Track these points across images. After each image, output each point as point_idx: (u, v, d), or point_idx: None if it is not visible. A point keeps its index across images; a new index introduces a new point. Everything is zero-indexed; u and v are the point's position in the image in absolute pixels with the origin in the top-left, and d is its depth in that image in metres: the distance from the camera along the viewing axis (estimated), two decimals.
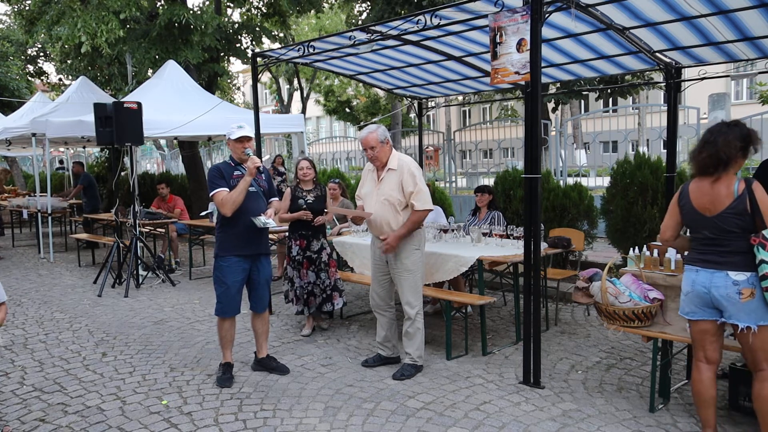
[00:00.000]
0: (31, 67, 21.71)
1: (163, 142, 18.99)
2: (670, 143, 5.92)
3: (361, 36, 5.33)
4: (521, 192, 7.26)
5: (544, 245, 5.03)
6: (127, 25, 11.61)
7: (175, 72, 10.55)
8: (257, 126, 6.23)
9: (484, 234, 5.53)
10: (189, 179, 13.15)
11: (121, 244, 7.93)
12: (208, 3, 13.30)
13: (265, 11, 14.15)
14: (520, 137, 4.97)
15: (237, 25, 13.26)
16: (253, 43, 13.63)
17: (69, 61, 15.41)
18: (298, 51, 5.75)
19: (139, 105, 7.56)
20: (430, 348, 4.96)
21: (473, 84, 7.25)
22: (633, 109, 21.96)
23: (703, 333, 3.19)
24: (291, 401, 4.00)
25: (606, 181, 7.77)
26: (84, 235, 10.13)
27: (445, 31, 5.30)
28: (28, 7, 13.03)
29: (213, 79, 13.32)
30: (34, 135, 9.91)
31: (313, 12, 14.45)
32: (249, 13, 14.35)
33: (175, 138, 12.60)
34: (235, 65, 52.77)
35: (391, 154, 4.36)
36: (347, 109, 29.35)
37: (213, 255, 4.48)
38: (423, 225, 4.46)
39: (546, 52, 5.44)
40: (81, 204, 11.98)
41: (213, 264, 4.47)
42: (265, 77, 28.00)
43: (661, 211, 6.23)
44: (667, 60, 5.74)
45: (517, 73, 3.98)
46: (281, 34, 15.27)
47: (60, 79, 18.91)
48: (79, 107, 10.23)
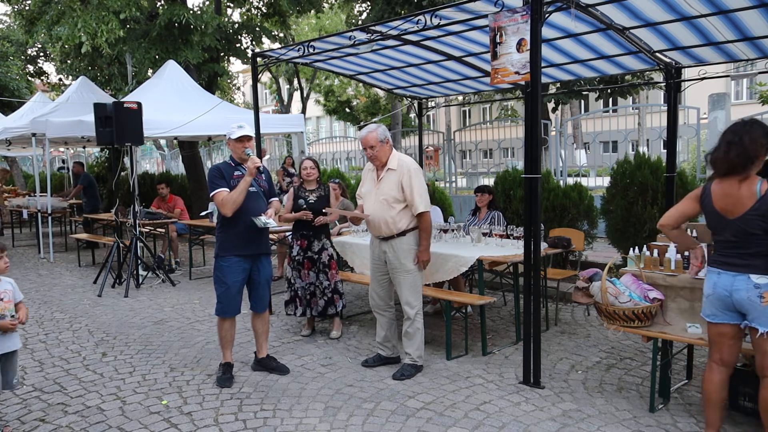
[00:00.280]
0: (31, 67, 21.69)
1: (163, 142, 19.00)
2: (670, 143, 5.92)
3: (361, 36, 5.33)
4: (521, 192, 7.26)
5: (544, 245, 5.03)
6: (127, 25, 11.62)
7: (175, 72, 10.55)
8: (257, 126, 6.24)
9: (484, 234, 5.53)
10: (189, 179, 13.15)
11: (121, 244, 7.93)
12: (208, 3, 13.30)
13: (265, 11, 14.16)
14: (520, 137, 4.97)
15: (237, 25, 13.26)
16: (253, 43, 13.63)
17: (69, 61, 15.43)
18: (298, 51, 5.75)
19: (139, 105, 7.56)
20: (430, 348, 4.96)
21: (473, 84, 7.25)
22: (633, 109, 21.96)
23: (721, 336, 3.11)
24: (291, 401, 4.00)
25: (606, 181, 7.77)
26: (84, 235, 10.13)
27: (445, 31, 5.30)
28: (28, 7, 13.03)
29: (213, 79, 13.32)
30: (34, 135, 9.92)
31: (313, 12, 14.45)
32: (249, 13, 14.36)
33: (175, 138, 12.60)
34: (235, 65, 52.86)
35: (391, 154, 4.36)
36: (347, 109, 29.37)
37: (213, 255, 4.48)
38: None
39: (546, 52, 5.44)
40: (81, 204, 11.98)
41: (213, 264, 4.47)
42: (265, 77, 28.03)
43: (661, 211, 6.23)
44: (667, 60, 5.74)
45: (517, 73, 3.98)
46: (281, 34, 15.27)
47: (60, 79, 18.92)
48: (79, 107, 10.23)
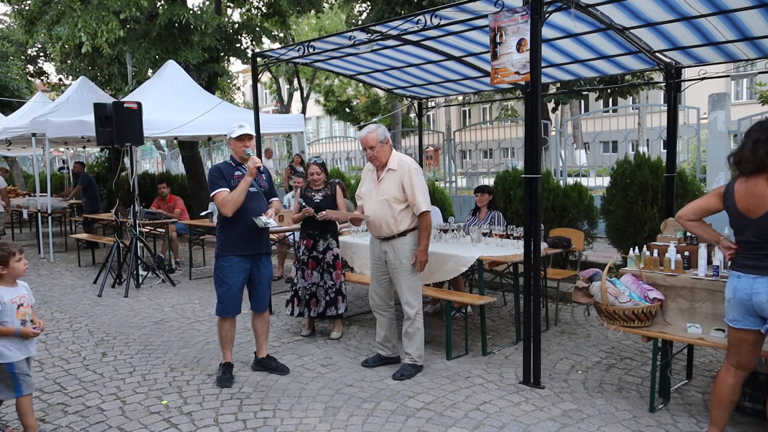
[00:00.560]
0: (31, 67, 21.69)
1: (163, 142, 18.99)
2: (670, 143, 5.92)
3: (361, 36, 5.33)
4: (521, 192, 7.26)
5: (544, 245, 5.02)
6: (127, 25, 11.62)
7: (175, 72, 10.55)
8: (257, 126, 6.23)
9: (484, 234, 5.53)
10: (189, 179, 13.16)
11: (121, 244, 7.93)
12: (208, 3, 13.30)
13: (265, 11, 14.16)
14: (520, 137, 4.97)
15: (237, 25, 13.26)
16: (253, 43, 13.63)
17: (69, 61, 15.42)
18: (298, 51, 5.75)
19: (139, 105, 7.56)
20: (430, 348, 4.96)
21: (473, 84, 7.24)
22: (633, 109, 21.96)
23: (742, 341, 3.05)
24: (291, 401, 4.00)
25: (606, 181, 7.76)
26: (84, 235, 10.13)
27: (445, 31, 5.30)
28: (28, 7, 13.01)
29: (213, 79, 13.32)
30: (34, 135, 9.92)
31: (313, 12, 14.45)
32: (249, 13, 14.36)
33: (175, 138, 12.61)
34: (235, 65, 52.74)
35: (391, 155, 4.36)
36: (347, 109, 29.36)
37: (214, 255, 4.48)
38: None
39: (546, 52, 5.43)
40: (81, 204, 11.98)
41: (213, 264, 4.47)
42: (265, 77, 28.01)
43: (661, 211, 6.24)
44: (667, 60, 5.73)
45: (517, 73, 3.98)
46: (281, 34, 15.27)
47: (60, 79, 18.90)
48: (79, 107, 10.24)
